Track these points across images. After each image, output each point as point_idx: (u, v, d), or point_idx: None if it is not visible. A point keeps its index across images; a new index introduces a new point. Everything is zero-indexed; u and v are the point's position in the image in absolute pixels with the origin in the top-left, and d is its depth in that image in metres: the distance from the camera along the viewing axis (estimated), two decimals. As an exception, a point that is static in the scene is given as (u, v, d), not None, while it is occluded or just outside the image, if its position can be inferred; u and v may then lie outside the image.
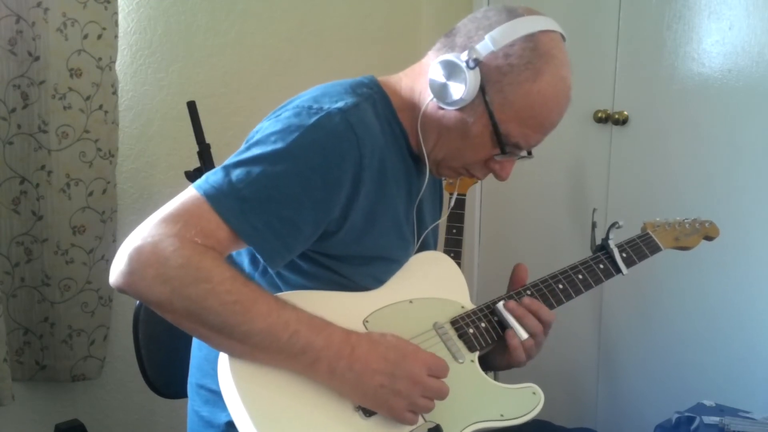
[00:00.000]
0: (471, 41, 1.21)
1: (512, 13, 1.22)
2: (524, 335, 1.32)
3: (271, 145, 1.13)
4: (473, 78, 1.19)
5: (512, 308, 1.34)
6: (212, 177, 1.12)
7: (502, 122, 1.21)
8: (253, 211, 1.10)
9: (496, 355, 1.38)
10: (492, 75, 1.20)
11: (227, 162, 1.14)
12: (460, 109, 1.22)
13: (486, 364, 1.40)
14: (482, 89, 1.20)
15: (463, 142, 1.25)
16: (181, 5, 2.23)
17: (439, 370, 1.18)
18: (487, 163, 1.29)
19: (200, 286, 1.05)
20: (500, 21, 1.21)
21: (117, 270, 1.07)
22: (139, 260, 1.05)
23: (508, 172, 1.31)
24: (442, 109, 1.23)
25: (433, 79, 1.22)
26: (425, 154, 1.28)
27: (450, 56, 1.20)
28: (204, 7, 2.28)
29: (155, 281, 1.05)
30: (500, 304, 1.35)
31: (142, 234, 1.07)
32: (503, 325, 1.35)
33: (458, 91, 1.19)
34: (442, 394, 1.18)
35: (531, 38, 1.19)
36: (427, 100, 1.25)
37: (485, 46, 1.19)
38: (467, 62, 1.18)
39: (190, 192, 1.11)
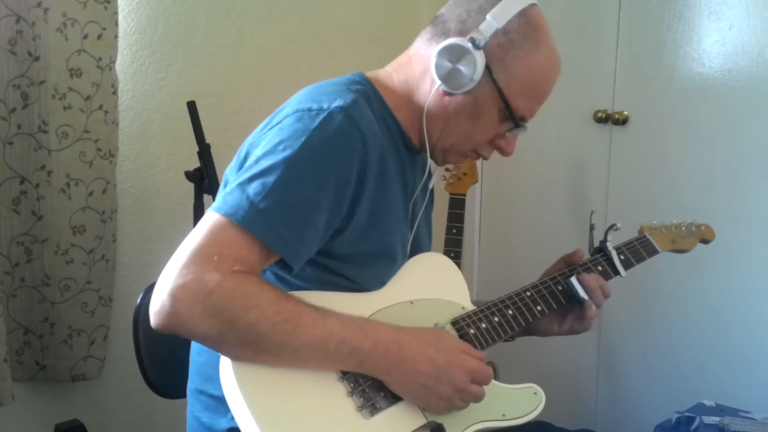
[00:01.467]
0: (466, 24, 1.23)
1: None
2: (594, 306, 1.42)
3: (280, 154, 1.13)
4: (480, 58, 1.21)
5: (586, 281, 1.43)
6: (229, 197, 1.12)
7: (510, 98, 1.24)
8: (278, 222, 1.11)
9: (552, 326, 1.47)
10: (495, 53, 1.22)
11: (240, 179, 1.14)
12: (467, 92, 1.23)
13: (533, 333, 1.48)
14: (488, 68, 1.22)
15: (473, 123, 1.27)
16: (181, 5, 2.23)
17: (483, 379, 1.23)
18: (493, 141, 1.32)
19: (250, 313, 1.06)
20: (490, 1, 1.23)
21: (160, 311, 1.06)
22: (184, 299, 1.05)
23: (513, 147, 1.34)
24: (448, 95, 1.25)
25: (439, 65, 1.23)
26: (430, 146, 1.29)
27: (452, 40, 1.22)
28: (204, 7, 2.28)
29: (204, 317, 1.05)
30: (574, 278, 1.43)
31: (179, 272, 1.06)
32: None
33: (468, 73, 1.21)
34: (478, 400, 1.22)
35: (524, 13, 1.23)
36: (431, 88, 1.25)
37: (489, 26, 1.21)
38: (474, 43, 1.20)
39: (212, 217, 1.11)
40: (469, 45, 1.20)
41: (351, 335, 1.13)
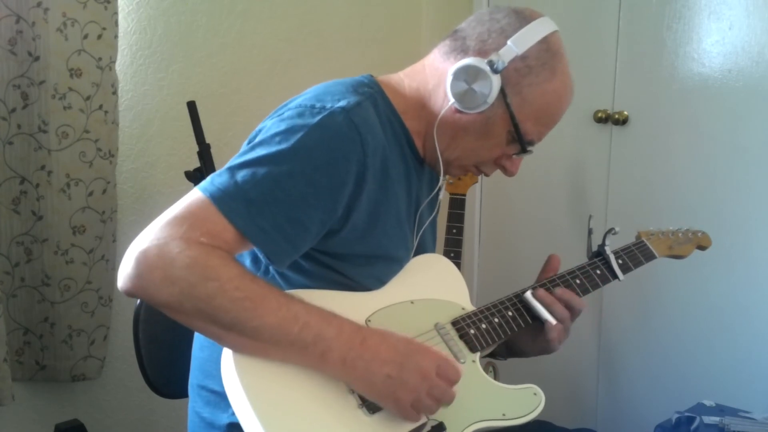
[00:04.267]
0: (486, 45, 1.23)
1: (521, 16, 1.25)
2: (552, 321, 1.36)
3: (275, 146, 1.13)
4: (496, 82, 1.21)
5: (542, 296, 1.39)
6: (217, 179, 1.12)
7: (521, 122, 1.24)
8: (260, 213, 1.10)
9: (526, 343, 1.44)
10: (511, 77, 1.22)
11: (232, 163, 1.14)
12: (478, 112, 1.23)
13: (512, 352, 1.46)
14: (502, 91, 1.22)
15: (479, 142, 1.27)
16: (181, 5, 2.23)
17: (449, 373, 1.17)
18: (498, 160, 1.32)
19: (209, 284, 1.05)
20: (512, 24, 1.23)
21: (124, 274, 1.07)
22: (146, 263, 1.05)
23: (517, 167, 1.34)
24: (460, 112, 1.24)
25: (454, 84, 1.23)
26: (434, 157, 1.29)
27: (471, 61, 1.22)
28: (204, 7, 2.28)
29: (163, 283, 1.05)
30: (529, 293, 1.39)
31: (148, 237, 1.07)
32: (525, 318, 1.39)
33: (482, 95, 1.21)
34: (447, 397, 1.16)
35: (544, 40, 1.23)
36: (444, 104, 1.25)
37: (509, 51, 1.21)
38: (493, 67, 1.20)
39: (196, 194, 1.11)
40: (487, 68, 1.20)
41: (315, 321, 1.11)
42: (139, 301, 1.60)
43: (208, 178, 1.13)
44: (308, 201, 1.13)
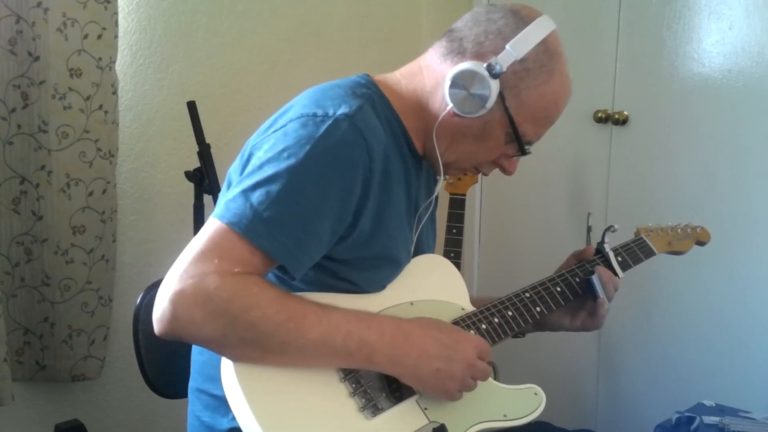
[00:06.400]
0: (483, 47, 1.22)
1: (518, 16, 1.23)
2: (608, 303, 1.45)
3: (284, 162, 1.12)
4: (495, 87, 1.20)
5: (602, 273, 1.45)
6: (232, 204, 1.12)
7: (519, 124, 1.24)
8: (280, 231, 1.11)
9: (563, 318, 1.48)
10: (510, 80, 1.21)
11: (243, 186, 1.13)
12: (476, 116, 1.23)
13: (544, 327, 1.50)
14: (500, 95, 1.21)
15: (478, 144, 1.27)
16: (181, 5, 2.23)
17: (486, 353, 1.24)
18: (497, 160, 1.32)
19: (251, 313, 1.06)
20: (510, 26, 1.22)
21: (163, 318, 1.07)
22: (184, 304, 1.05)
23: (515, 167, 1.34)
24: (458, 116, 1.24)
25: (453, 88, 1.22)
26: (433, 158, 1.29)
27: (469, 65, 1.21)
28: (204, 7, 2.28)
29: (205, 321, 1.05)
30: (595, 277, 1.44)
31: (180, 277, 1.06)
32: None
33: (481, 101, 1.21)
34: (486, 376, 1.24)
35: (543, 42, 1.22)
36: (442, 107, 1.24)
37: (507, 56, 1.20)
38: (491, 72, 1.19)
39: (215, 224, 1.11)
40: (486, 73, 1.19)
41: (356, 327, 1.13)
42: (139, 301, 1.60)
43: (223, 205, 1.13)
44: (322, 212, 1.13)
